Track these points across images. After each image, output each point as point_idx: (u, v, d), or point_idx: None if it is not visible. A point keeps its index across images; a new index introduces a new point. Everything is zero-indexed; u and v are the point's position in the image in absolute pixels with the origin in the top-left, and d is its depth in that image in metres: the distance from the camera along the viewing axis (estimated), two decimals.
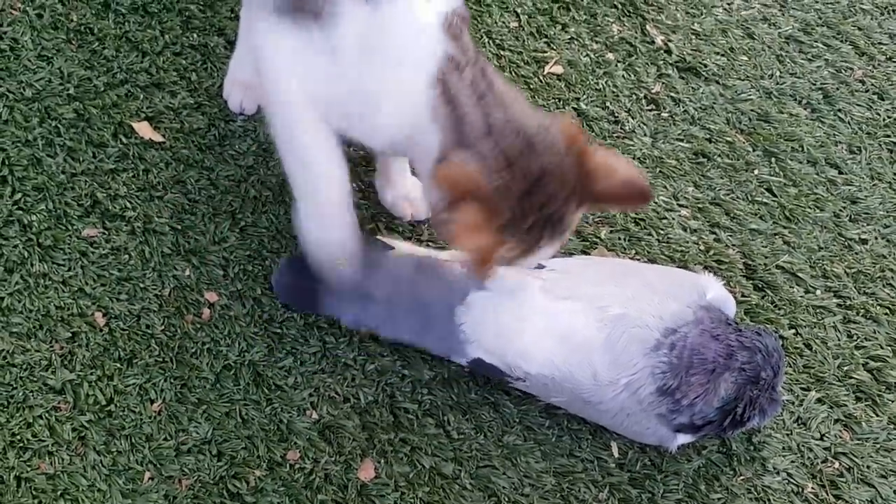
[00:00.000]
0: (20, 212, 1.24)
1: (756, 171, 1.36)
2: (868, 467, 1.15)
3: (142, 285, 1.21)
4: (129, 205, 1.26)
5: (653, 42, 1.45)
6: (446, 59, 0.92)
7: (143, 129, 1.31)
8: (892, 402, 1.19)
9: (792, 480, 1.14)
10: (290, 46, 0.99)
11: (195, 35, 1.40)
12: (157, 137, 1.31)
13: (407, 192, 1.23)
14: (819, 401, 1.19)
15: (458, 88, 0.92)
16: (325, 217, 1.08)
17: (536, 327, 1.08)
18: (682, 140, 1.37)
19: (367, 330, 1.17)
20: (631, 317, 1.06)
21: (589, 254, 1.26)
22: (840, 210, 1.33)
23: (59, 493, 1.08)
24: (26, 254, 1.22)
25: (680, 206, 1.32)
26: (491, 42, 1.43)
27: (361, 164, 1.29)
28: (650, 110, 1.40)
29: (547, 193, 0.94)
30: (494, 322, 1.10)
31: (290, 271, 1.19)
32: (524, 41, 1.43)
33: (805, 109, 1.42)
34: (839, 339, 1.23)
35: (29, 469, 1.09)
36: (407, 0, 0.94)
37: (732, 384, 1.06)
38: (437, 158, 0.95)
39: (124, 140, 1.30)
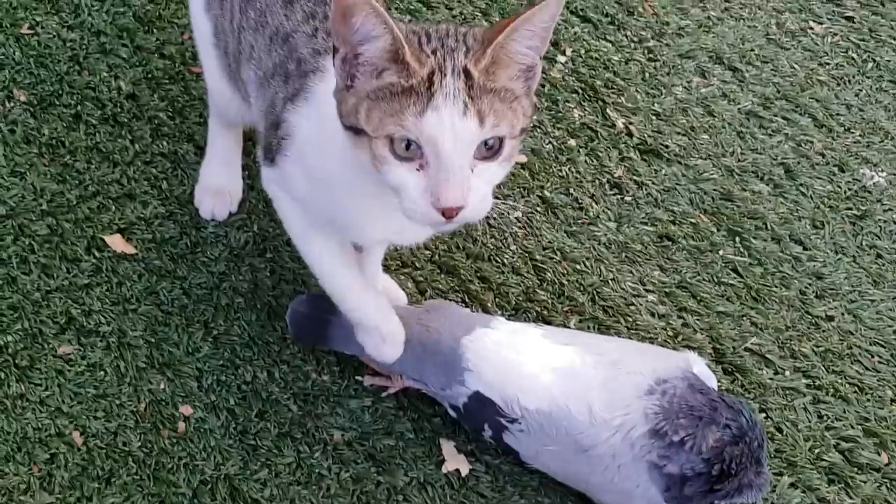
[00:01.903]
0: None
1: (721, 252, 1.38)
2: None
3: (118, 402, 1.22)
4: (103, 319, 1.28)
5: (614, 126, 1.48)
6: None
7: (116, 243, 1.34)
8: (865, 483, 1.20)
9: None
10: None
11: (165, 143, 1.43)
12: (130, 249, 1.33)
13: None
14: (792, 485, 1.20)
15: None
16: None
17: (537, 362, 1.13)
18: (646, 223, 1.40)
19: (368, 361, 1.22)
20: (625, 363, 1.12)
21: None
22: (806, 287, 1.35)
23: None
24: (3, 375, 1.23)
25: (647, 290, 1.34)
26: None
27: None
28: (614, 195, 1.42)
29: None
30: (497, 354, 1.15)
31: (306, 304, 1.24)
32: None
33: (767, 185, 1.45)
34: (810, 421, 1.24)
35: None
36: None
37: (718, 438, 1.07)
38: None
39: (97, 254, 1.33)
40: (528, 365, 1.13)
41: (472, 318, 1.20)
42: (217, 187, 1.37)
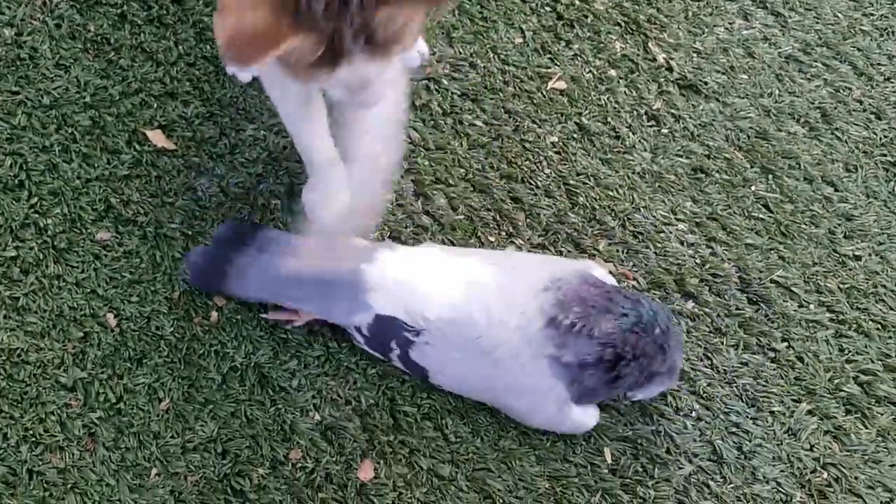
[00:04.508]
0: (36, 215, 1.28)
1: (753, 188, 1.39)
2: (856, 478, 1.18)
3: (152, 288, 1.25)
4: (141, 210, 1.30)
5: (654, 60, 1.49)
6: None
7: (157, 137, 1.36)
8: (882, 415, 1.22)
9: (781, 489, 1.17)
10: None
11: (208, 46, 1.44)
12: (170, 145, 1.35)
13: None
14: (809, 412, 1.22)
15: None
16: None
17: (437, 273, 1.16)
18: (681, 156, 1.40)
19: (272, 303, 1.21)
20: (521, 268, 1.16)
21: None
22: (835, 227, 1.36)
23: (68, 486, 1.12)
24: (41, 256, 1.26)
25: (678, 219, 1.35)
26: (496, 57, 1.47)
27: None
28: (650, 126, 1.43)
29: None
30: (398, 272, 1.16)
31: (203, 254, 1.23)
32: (528, 57, 1.47)
33: (803, 128, 1.45)
34: (831, 353, 1.26)
35: (41, 463, 1.13)
36: None
37: (614, 325, 1.09)
38: None
39: (138, 147, 1.34)
40: (429, 277, 1.15)
41: (372, 247, 1.21)
42: None
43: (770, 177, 1.40)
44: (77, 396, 1.17)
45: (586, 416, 1.13)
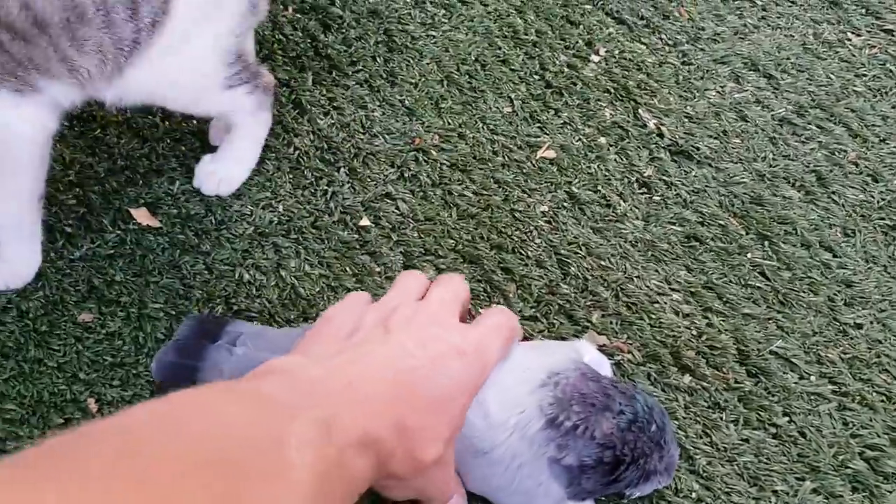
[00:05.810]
0: (18, 298, 1.26)
1: (749, 255, 1.36)
2: None
3: (134, 371, 1.22)
4: (125, 290, 1.28)
5: (645, 126, 1.47)
6: None
7: (141, 216, 1.34)
8: (890, 493, 1.17)
9: None
10: None
11: (194, 121, 1.43)
12: (155, 223, 1.34)
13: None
14: (814, 491, 1.17)
15: None
16: None
17: None
18: (674, 223, 1.38)
19: None
20: (515, 363, 1.07)
21: (579, 338, 1.26)
22: (834, 294, 1.33)
23: None
24: (22, 340, 1.23)
25: (672, 289, 1.32)
26: (485, 127, 1.45)
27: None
28: (642, 194, 1.41)
29: None
30: None
31: (173, 352, 1.17)
32: (517, 126, 1.46)
33: (799, 192, 1.42)
34: (834, 427, 1.21)
35: None
36: None
37: (613, 424, 1.03)
38: None
39: (122, 226, 1.33)
40: None
41: None
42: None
43: (766, 243, 1.37)
44: None
45: None
